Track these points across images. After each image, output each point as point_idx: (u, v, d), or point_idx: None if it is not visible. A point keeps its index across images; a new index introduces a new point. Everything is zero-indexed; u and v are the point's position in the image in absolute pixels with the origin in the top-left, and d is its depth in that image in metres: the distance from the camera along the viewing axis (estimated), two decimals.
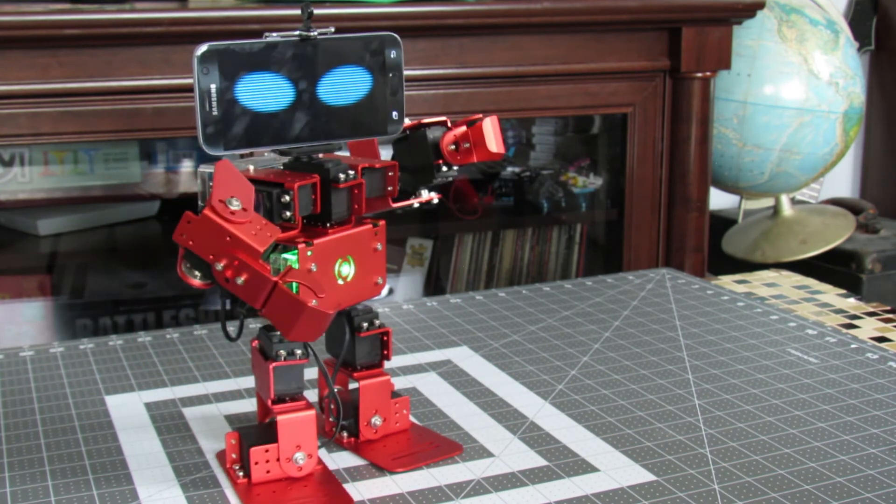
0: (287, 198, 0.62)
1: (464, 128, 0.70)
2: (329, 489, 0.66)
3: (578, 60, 1.41)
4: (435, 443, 0.71)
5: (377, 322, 0.71)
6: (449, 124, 0.71)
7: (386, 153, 0.72)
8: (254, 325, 0.95)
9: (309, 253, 0.63)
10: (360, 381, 0.70)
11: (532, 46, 1.39)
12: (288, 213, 0.62)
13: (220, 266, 0.59)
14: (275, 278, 0.58)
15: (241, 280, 0.58)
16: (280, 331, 0.59)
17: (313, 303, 0.58)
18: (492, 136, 0.69)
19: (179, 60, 1.22)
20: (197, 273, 0.61)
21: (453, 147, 0.70)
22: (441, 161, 0.70)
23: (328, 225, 0.66)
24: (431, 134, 0.70)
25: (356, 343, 0.70)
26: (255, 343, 0.67)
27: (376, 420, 0.71)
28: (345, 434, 0.71)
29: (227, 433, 0.67)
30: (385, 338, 0.71)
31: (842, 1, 2.26)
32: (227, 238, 0.58)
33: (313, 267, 0.64)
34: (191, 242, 0.60)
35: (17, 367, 0.87)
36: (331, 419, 0.71)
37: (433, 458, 0.69)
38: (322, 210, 0.65)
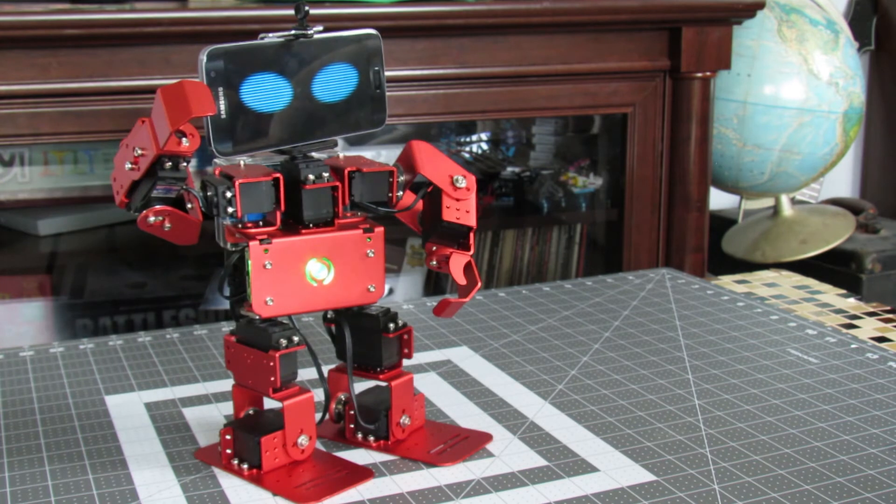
0: (229, 194, 0.63)
1: (457, 273, 0.68)
2: (339, 464, 0.67)
3: (578, 60, 1.41)
4: (462, 434, 0.72)
5: (400, 322, 0.71)
6: (472, 242, 0.69)
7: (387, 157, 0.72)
8: None
9: (265, 251, 0.64)
10: (390, 381, 0.70)
11: (532, 46, 1.39)
12: (231, 210, 0.63)
13: (129, 165, 0.61)
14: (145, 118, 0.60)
15: (138, 151, 0.60)
16: (179, 115, 0.58)
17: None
18: (452, 311, 0.70)
19: (179, 60, 1.22)
20: (152, 202, 0.62)
21: (434, 263, 0.69)
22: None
23: (311, 226, 0.66)
24: (450, 228, 0.69)
25: (383, 344, 0.70)
26: (233, 338, 0.67)
27: (405, 419, 0.71)
28: (371, 438, 0.71)
29: (222, 429, 0.67)
30: (406, 336, 0.71)
31: (842, 1, 2.26)
32: (123, 150, 0.61)
33: (268, 264, 0.64)
34: (120, 192, 0.62)
35: (17, 367, 0.87)
36: (350, 425, 0.71)
37: (475, 448, 0.70)
38: (294, 210, 0.65)
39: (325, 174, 0.66)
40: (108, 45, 1.20)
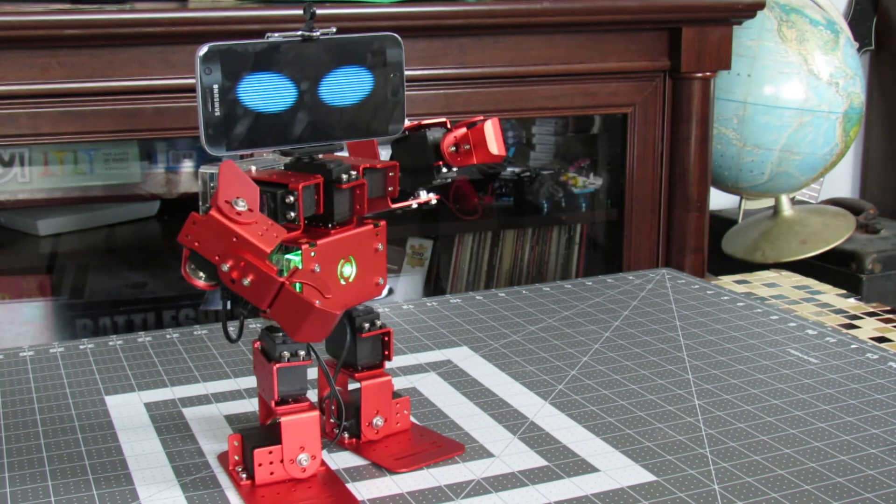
0: (291, 198, 0.62)
1: (464, 129, 0.70)
2: (333, 490, 0.66)
3: (578, 60, 1.41)
4: (437, 443, 0.71)
5: (378, 322, 0.71)
6: (448, 125, 0.71)
7: (385, 153, 0.72)
8: (254, 325, 0.95)
9: (312, 254, 0.64)
10: (362, 381, 0.70)
11: (532, 46, 1.39)
12: (292, 214, 0.62)
13: (226, 267, 0.59)
14: (281, 279, 0.58)
15: (247, 281, 0.59)
16: (286, 331, 0.59)
17: (317, 303, 0.58)
18: (493, 137, 0.70)
19: (179, 60, 1.22)
20: (202, 274, 0.61)
21: (453, 148, 0.70)
22: (441, 162, 0.71)
23: (330, 226, 0.66)
24: (431, 135, 0.71)
25: (357, 343, 0.70)
26: (257, 344, 0.67)
27: (378, 420, 0.71)
28: (346, 435, 0.71)
29: (230, 435, 0.67)
30: (386, 338, 0.71)
31: (842, 1, 2.26)
32: (234, 239, 0.59)
33: (317, 268, 0.64)
34: (196, 244, 0.60)
35: (17, 367, 0.87)
36: (332, 420, 0.71)
37: (435, 458, 0.69)
38: (325, 211, 0.65)
39: (353, 173, 0.65)
40: (108, 45, 1.20)
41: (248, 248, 0.59)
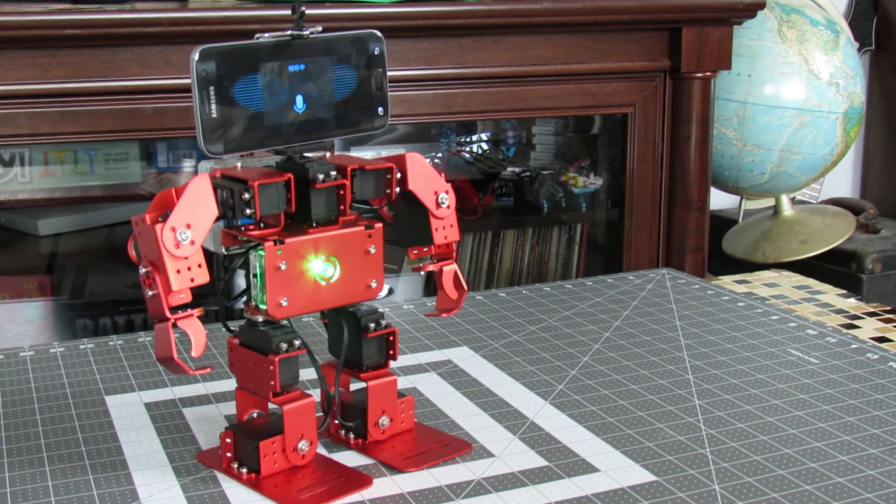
0: (247, 195, 0.62)
1: (435, 266, 0.73)
2: (338, 469, 0.67)
3: (578, 60, 1.41)
4: (443, 441, 0.71)
5: (384, 322, 0.71)
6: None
7: (385, 152, 0.72)
8: None
9: (279, 252, 0.64)
10: (368, 381, 0.70)
11: (532, 46, 1.39)
12: (248, 211, 0.63)
13: (143, 270, 0.62)
14: (171, 316, 0.62)
15: (150, 293, 0.62)
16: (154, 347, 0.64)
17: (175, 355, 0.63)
18: (450, 283, 0.73)
19: (179, 60, 1.22)
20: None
21: (422, 274, 0.72)
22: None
23: (313, 225, 0.66)
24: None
25: (363, 344, 0.70)
26: (235, 340, 0.67)
27: (384, 420, 0.71)
28: (352, 435, 0.71)
29: (223, 432, 0.67)
30: (391, 338, 0.71)
31: (842, 1, 2.26)
32: (158, 257, 0.61)
33: (283, 265, 0.64)
34: (139, 234, 0.62)
35: (17, 367, 0.87)
36: (335, 421, 0.72)
37: (443, 457, 0.69)
38: (303, 210, 0.65)
39: (333, 173, 0.65)
40: (108, 45, 1.20)
41: (162, 275, 0.61)
